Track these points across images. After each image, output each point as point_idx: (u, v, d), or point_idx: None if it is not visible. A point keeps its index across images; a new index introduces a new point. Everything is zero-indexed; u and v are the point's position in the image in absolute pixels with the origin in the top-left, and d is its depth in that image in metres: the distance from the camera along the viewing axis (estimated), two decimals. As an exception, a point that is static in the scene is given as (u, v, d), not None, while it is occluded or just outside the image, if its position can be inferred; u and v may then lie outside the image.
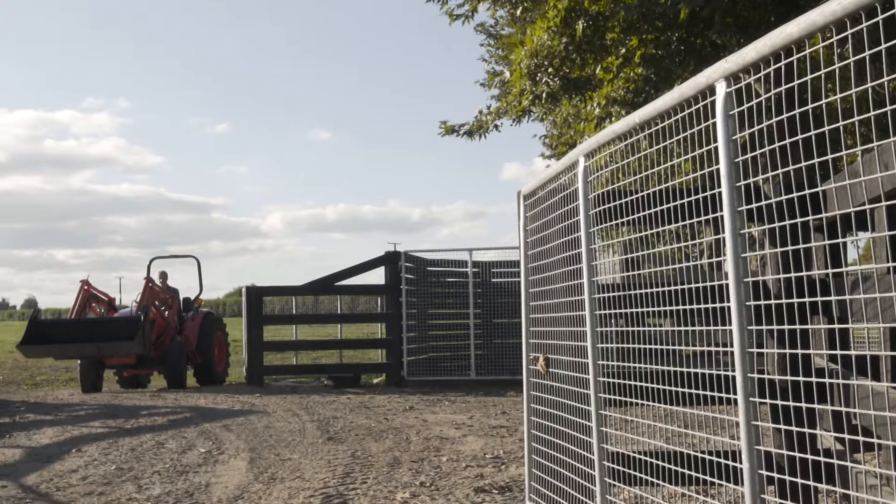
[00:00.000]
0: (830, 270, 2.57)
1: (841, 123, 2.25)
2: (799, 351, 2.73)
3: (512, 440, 9.06)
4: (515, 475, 7.08)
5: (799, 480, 2.71)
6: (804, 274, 2.96)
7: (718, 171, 2.72)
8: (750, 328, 2.66)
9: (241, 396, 13.59)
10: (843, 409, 2.90)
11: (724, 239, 2.73)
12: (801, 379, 2.82)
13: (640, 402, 3.53)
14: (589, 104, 11.15)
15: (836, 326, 3.16)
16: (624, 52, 10.14)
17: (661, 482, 3.59)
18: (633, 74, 10.60)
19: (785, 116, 2.52)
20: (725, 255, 2.73)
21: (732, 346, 2.69)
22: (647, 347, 3.50)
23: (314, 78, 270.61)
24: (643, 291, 3.55)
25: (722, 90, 2.71)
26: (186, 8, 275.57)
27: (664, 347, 3.40)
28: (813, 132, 2.41)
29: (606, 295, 3.88)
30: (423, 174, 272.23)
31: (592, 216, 3.93)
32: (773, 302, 2.69)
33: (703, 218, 3.05)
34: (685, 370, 3.18)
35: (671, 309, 3.28)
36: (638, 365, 3.57)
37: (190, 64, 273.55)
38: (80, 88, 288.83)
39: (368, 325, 27.31)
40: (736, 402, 2.69)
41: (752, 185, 2.79)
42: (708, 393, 3.02)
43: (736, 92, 2.70)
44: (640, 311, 3.58)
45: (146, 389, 16.13)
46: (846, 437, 3.03)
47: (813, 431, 2.79)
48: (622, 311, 3.76)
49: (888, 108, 2.08)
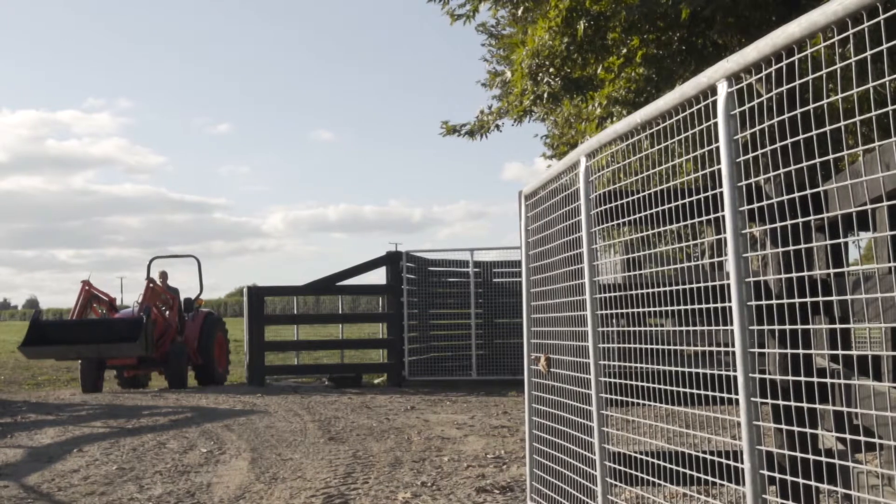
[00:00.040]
0: (832, 270, 2.57)
1: (842, 123, 2.25)
2: (800, 351, 2.73)
3: (513, 440, 9.06)
4: (517, 475, 7.08)
5: (800, 480, 2.71)
6: (805, 274, 2.96)
7: (720, 170, 2.72)
8: (751, 328, 2.66)
9: (242, 396, 13.59)
10: (844, 409, 2.91)
11: (725, 239, 2.73)
12: (802, 379, 2.82)
13: (641, 402, 3.53)
14: (590, 104, 11.14)
15: (837, 326, 3.15)
16: (625, 51, 10.13)
17: (662, 482, 3.59)
18: (634, 74, 10.59)
19: (786, 116, 2.52)
20: (727, 255, 2.73)
21: (734, 346, 2.69)
22: (648, 347, 3.50)
23: (316, 78, 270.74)
24: (644, 291, 3.55)
25: (723, 90, 2.71)
26: (188, 8, 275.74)
27: (665, 347, 3.40)
28: (814, 132, 2.41)
29: (608, 295, 3.88)
30: (424, 174, 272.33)
31: (594, 216, 3.93)
32: (774, 302, 2.69)
33: (704, 218, 3.05)
34: (686, 370, 3.18)
35: (672, 309, 3.28)
36: (639, 365, 3.57)
37: (192, 64, 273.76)
38: (81, 88, 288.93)
39: (370, 325, 27.42)
40: (737, 402, 2.70)
41: (753, 184, 2.79)
42: (709, 393, 3.02)
43: (737, 92, 2.70)
44: (641, 311, 3.58)
45: (147, 389, 16.14)
46: (847, 437, 3.03)
47: (814, 431, 2.79)
48: (623, 311, 3.76)
49: (889, 108, 2.07)
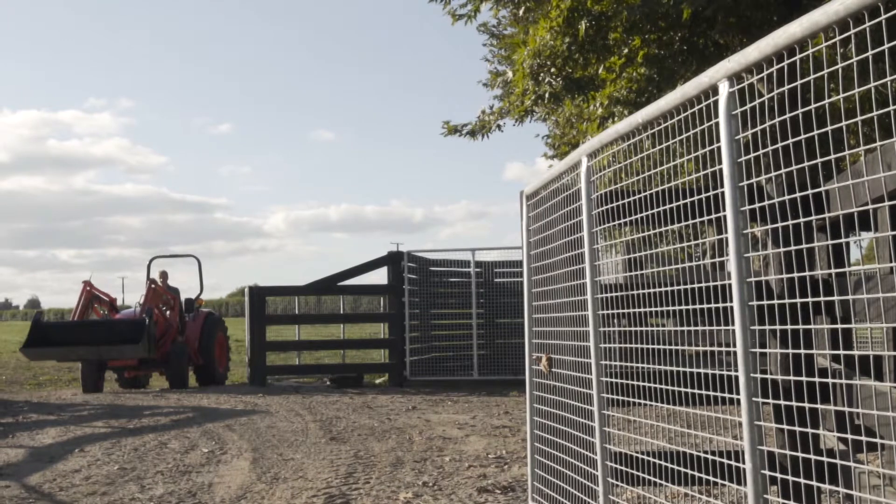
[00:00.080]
0: (833, 270, 2.56)
1: (844, 123, 2.25)
2: (802, 351, 2.73)
3: (515, 440, 9.06)
4: (518, 475, 7.08)
5: (802, 480, 2.71)
6: (807, 274, 2.95)
7: (721, 170, 2.72)
8: (753, 328, 2.66)
9: (243, 396, 13.59)
10: (845, 409, 2.90)
11: (726, 239, 2.73)
12: (803, 379, 2.82)
13: (642, 402, 3.53)
14: (591, 104, 11.14)
15: (839, 326, 3.15)
16: (627, 51, 10.14)
17: (663, 482, 3.59)
18: (635, 74, 10.59)
19: (788, 116, 2.52)
20: (728, 255, 2.73)
21: (735, 346, 2.69)
22: (649, 347, 3.50)
23: (317, 78, 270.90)
24: (646, 291, 3.55)
25: (725, 90, 2.71)
26: (188, 8, 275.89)
27: (667, 347, 3.40)
28: (816, 132, 2.41)
29: (609, 295, 3.88)
30: (425, 174, 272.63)
31: (595, 216, 3.92)
32: (775, 302, 2.69)
33: (705, 218, 3.05)
34: (688, 370, 3.18)
35: (674, 309, 3.28)
36: (641, 365, 3.57)
37: (193, 64, 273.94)
38: (82, 88, 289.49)
39: (371, 325, 27.41)
40: (739, 402, 2.69)
41: (754, 184, 2.79)
42: (711, 393, 3.02)
43: (739, 92, 2.70)
44: (642, 311, 3.58)
45: (148, 389, 16.14)
46: (849, 437, 3.03)
47: (816, 431, 2.78)
48: (625, 311, 3.76)
49: (891, 107, 2.08)
